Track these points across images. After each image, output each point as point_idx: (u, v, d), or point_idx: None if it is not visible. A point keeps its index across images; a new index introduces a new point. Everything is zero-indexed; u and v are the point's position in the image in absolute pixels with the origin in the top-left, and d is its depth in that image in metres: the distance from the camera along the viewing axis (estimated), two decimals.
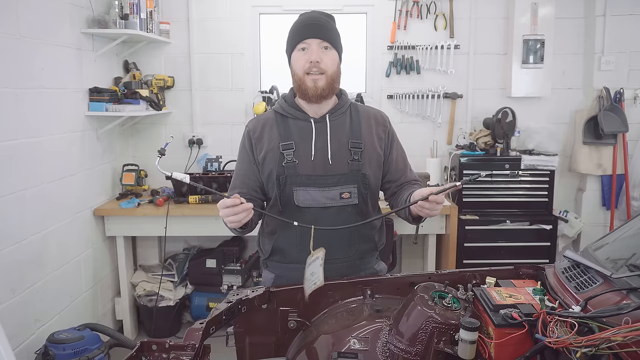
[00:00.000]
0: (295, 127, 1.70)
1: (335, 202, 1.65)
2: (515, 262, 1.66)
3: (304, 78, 1.63)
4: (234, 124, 3.70)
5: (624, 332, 0.89)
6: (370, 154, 1.70)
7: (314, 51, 1.61)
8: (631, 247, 1.41)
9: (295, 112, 1.71)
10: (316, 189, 1.64)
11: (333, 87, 1.66)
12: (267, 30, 3.69)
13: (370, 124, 1.74)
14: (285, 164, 1.64)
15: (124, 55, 3.53)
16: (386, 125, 1.78)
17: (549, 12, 3.43)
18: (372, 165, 1.71)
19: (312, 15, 1.68)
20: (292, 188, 1.64)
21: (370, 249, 1.77)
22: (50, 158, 2.66)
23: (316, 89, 1.62)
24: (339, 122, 1.71)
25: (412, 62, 3.61)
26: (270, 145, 1.68)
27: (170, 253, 3.70)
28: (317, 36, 1.61)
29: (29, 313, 2.46)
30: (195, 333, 1.22)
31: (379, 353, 1.26)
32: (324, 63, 1.62)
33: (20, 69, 2.41)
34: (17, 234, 2.39)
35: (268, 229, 1.76)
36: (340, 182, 1.65)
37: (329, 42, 1.63)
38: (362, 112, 1.76)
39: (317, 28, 1.63)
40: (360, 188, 1.67)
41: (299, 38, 1.63)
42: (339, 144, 1.67)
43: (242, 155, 1.75)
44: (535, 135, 3.45)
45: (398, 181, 1.79)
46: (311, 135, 1.67)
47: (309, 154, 1.66)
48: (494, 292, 1.23)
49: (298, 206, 1.65)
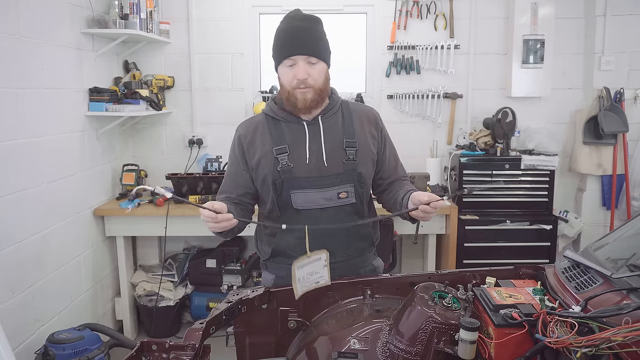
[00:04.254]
0: (287, 129, 1.68)
1: (333, 202, 1.65)
2: (515, 262, 1.66)
3: (293, 92, 1.62)
4: (234, 124, 3.61)
5: (624, 332, 0.89)
6: (365, 153, 1.70)
7: (300, 68, 1.58)
8: (631, 247, 1.41)
9: (287, 115, 1.69)
10: (314, 191, 1.64)
11: (322, 97, 1.65)
12: (267, 30, 3.69)
13: (362, 122, 1.74)
14: (280, 168, 1.63)
15: (124, 55, 3.53)
16: (378, 123, 1.78)
17: (549, 12, 3.43)
18: (367, 164, 1.71)
19: (297, 25, 1.61)
20: (290, 191, 1.64)
21: (368, 246, 1.78)
22: (50, 158, 2.66)
23: (305, 101, 1.61)
24: (332, 122, 1.70)
25: (412, 62, 3.61)
26: (263, 149, 1.67)
27: (170, 253, 3.70)
28: (303, 52, 1.58)
29: (29, 313, 2.46)
30: (195, 333, 1.22)
31: (379, 353, 1.26)
32: (312, 78, 1.60)
33: (20, 69, 2.41)
34: (17, 234, 2.39)
35: (267, 231, 1.75)
36: (337, 182, 1.65)
37: (315, 57, 1.59)
38: (353, 111, 1.76)
39: (304, 43, 1.58)
40: (357, 187, 1.67)
41: (286, 54, 1.60)
42: (333, 144, 1.67)
43: (232, 160, 1.75)
44: (535, 135, 3.45)
45: (389, 178, 1.80)
46: (305, 138, 1.66)
47: (304, 157, 1.65)
48: (494, 292, 1.23)
49: (296, 209, 1.64)
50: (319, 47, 1.61)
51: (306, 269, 1.44)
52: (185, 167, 3.64)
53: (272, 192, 1.65)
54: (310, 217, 1.63)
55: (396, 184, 1.79)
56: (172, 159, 3.69)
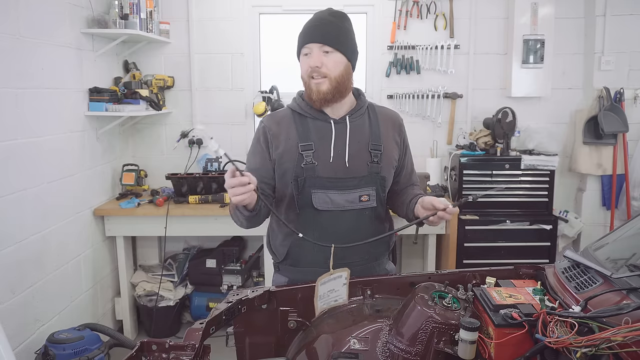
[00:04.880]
0: (314, 127, 1.66)
1: (354, 205, 1.64)
2: (515, 262, 1.66)
3: (309, 82, 1.62)
4: (234, 124, 3.70)
5: (624, 332, 0.89)
6: (388, 157, 1.70)
7: (314, 56, 1.59)
8: (631, 247, 1.41)
9: (315, 112, 1.67)
10: (335, 192, 1.62)
11: (340, 90, 1.63)
12: (267, 30, 3.69)
13: (387, 127, 1.74)
14: (304, 165, 1.61)
15: (124, 55, 3.53)
16: (402, 129, 1.79)
17: (549, 12, 3.43)
18: (389, 168, 1.71)
19: (318, 16, 1.65)
20: (311, 190, 1.62)
21: (384, 250, 1.78)
22: (50, 158, 2.66)
23: (319, 93, 1.61)
24: (359, 123, 1.69)
25: (412, 62, 3.61)
26: (288, 144, 1.65)
27: (170, 253, 3.70)
28: (317, 40, 1.59)
29: (29, 313, 2.46)
30: (195, 333, 1.22)
31: (379, 353, 1.26)
32: (326, 67, 1.59)
33: (20, 69, 2.41)
34: (17, 234, 2.39)
35: (284, 231, 1.71)
36: (360, 184, 1.64)
37: (330, 46, 1.59)
38: (380, 114, 1.76)
39: (319, 32, 1.60)
40: (379, 191, 1.67)
41: (302, 42, 1.63)
42: (358, 145, 1.66)
43: (256, 149, 1.70)
44: (535, 135, 3.45)
45: (404, 184, 1.80)
46: (330, 137, 1.65)
47: (328, 155, 1.63)
48: (494, 292, 1.23)
49: (317, 209, 1.63)
50: (335, 37, 1.61)
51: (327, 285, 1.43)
52: (185, 167, 3.64)
53: (293, 189, 1.63)
54: (330, 218, 1.62)
55: (408, 189, 1.79)
56: (172, 159, 3.69)
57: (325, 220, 1.62)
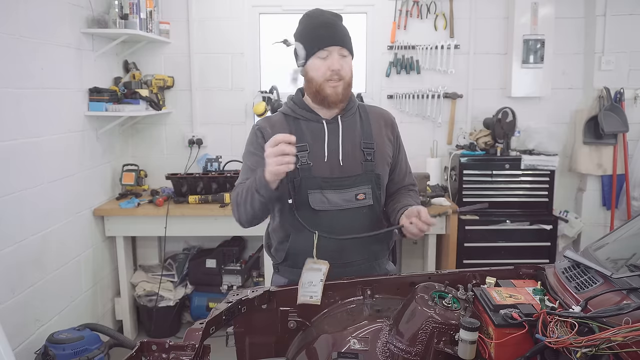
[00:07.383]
0: (307, 128, 1.68)
1: (351, 204, 1.64)
2: (515, 262, 1.66)
3: (324, 85, 1.62)
4: (234, 124, 3.70)
5: (624, 332, 0.89)
6: (381, 155, 1.71)
7: (335, 59, 1.60)
8: (631, 247, 1.41)
9: (307, 114, 1.69)
10: (332, 191, 1.63)
11: (349, 92, 1.68)
12: (267, 30, 3.68)
13: (379, 125, 1.75)
14: (299, 166, 1.61)
15: (124, 55, 3.53)
16: (394, 127, 1.79)
17: (549, 12, 3.43)
18: (383, 166, 1.71)
19: (328, 17, 1.65)
20: (307, 191, 1.62)
21: (384, 249, 1.78)
22: (50, 158, 2.66)
23: (337, 95, 1.63)
24: (350, 122, 1.71)
25: (412, 62, 3.61)
26: None
27: (170, 253, 3.70)
28: (337, 43, 1.61)
29: (29, 313, 2.46)
30: (195, 333, 1.22)
31: (379, 353, 1.26)
32: (344, 70, 1.62)
33: (20, 69, 2.40)
34: (17, 234, 2.39)
35: (281, 233, 1.72)
36: (355, 183, 1.65)
37: (347, 49, 1.63)
38: (370, 113, 1.77)
39: (338, 35, 1.62)
40: (374, 189, 1.67)
41: (321, 45, 1.61)
42: (351, 144, 1.67)
43: (252, 149, 1.71)
44: (535, 135, 3.45)
45: (399, 184, 1.80)
46: (323, 136, 1.66)
47: (322, 155, 1.65)
48: (494, 292, 1.23)
49: (314, 209, 1.63)
50: (349, 41, 1.66)
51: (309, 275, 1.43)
52: (185, 167, 3.64)
53: (290, 190, 1.63)
54: (327, 218, 1.62)
55: (402, 192, 1.79)
56: (172, 159, 3.69)
57: (323, 220, 1.62)
